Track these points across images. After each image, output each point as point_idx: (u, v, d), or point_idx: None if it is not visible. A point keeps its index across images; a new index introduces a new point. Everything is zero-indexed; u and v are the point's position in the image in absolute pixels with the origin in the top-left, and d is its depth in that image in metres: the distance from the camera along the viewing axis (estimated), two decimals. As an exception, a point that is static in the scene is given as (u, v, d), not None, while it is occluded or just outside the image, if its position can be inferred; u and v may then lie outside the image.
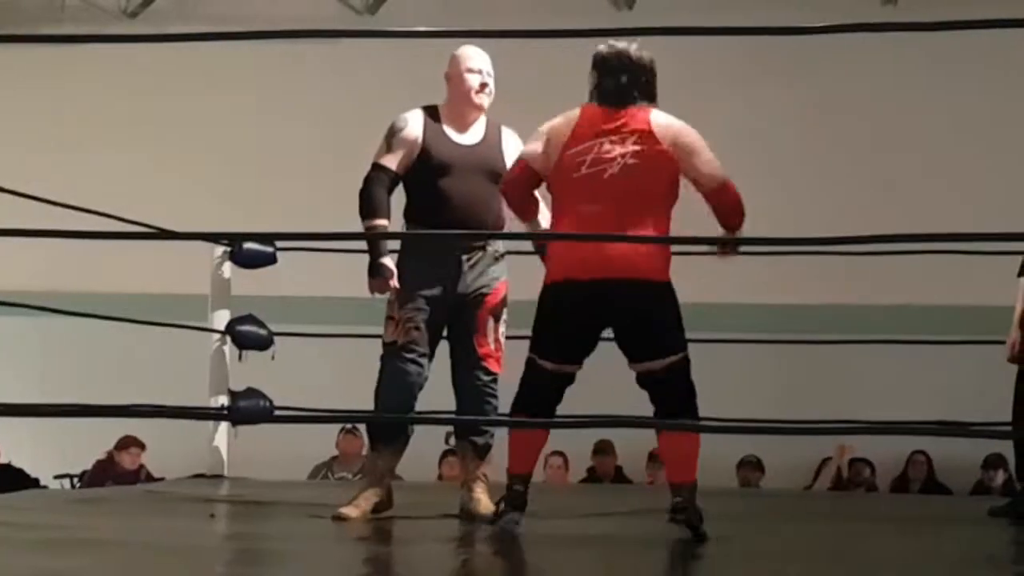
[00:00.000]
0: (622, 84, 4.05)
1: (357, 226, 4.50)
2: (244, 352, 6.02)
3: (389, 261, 4.41)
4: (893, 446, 8.20)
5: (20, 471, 8.32)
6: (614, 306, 3.99)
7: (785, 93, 8.81)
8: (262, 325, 6.04)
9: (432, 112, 4.51)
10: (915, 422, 4.95)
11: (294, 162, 9.12)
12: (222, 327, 6.04)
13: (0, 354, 9.17)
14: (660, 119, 4.05)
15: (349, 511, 4.39)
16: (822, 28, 3.28)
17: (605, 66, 4.09)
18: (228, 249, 6.06)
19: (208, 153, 9.17)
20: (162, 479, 7.36)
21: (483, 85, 4.48)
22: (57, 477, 8.54)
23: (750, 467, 8.24)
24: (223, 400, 5.96)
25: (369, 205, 4.42)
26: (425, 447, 7.52)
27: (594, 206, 3.98)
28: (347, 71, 8.90)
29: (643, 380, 4.06)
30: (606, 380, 4.51)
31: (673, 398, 4.01)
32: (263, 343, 6.01)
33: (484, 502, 4.47)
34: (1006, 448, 7.86)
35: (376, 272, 4.41)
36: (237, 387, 5.96)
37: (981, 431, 5.32)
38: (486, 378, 4.52)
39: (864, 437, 8.11)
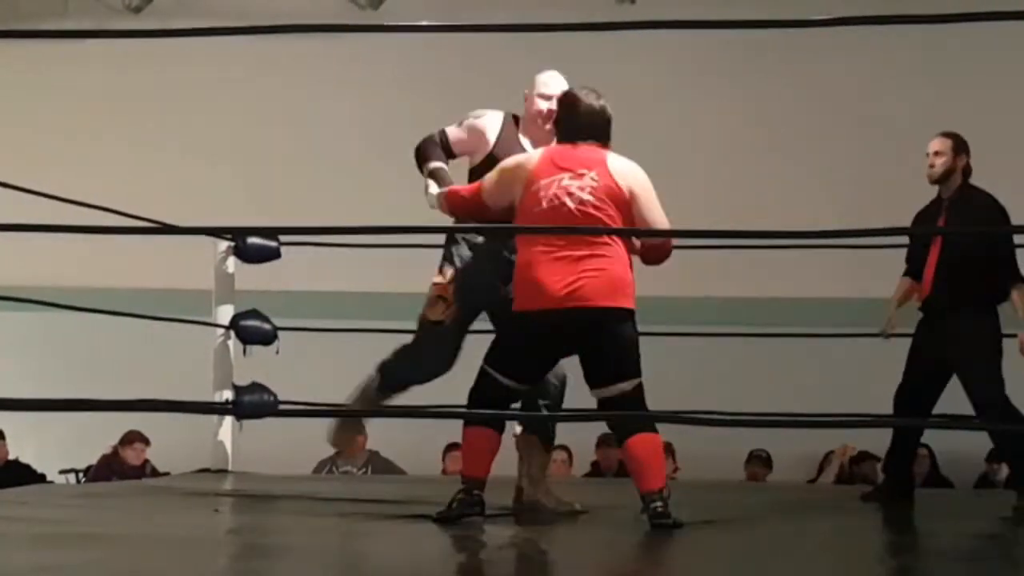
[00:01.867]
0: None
1: (359, 220, 4.49)
2: (248, 347, 6.04)
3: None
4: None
5: (27, 467, 8.34)
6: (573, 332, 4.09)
7: (784, 87, 8.79)
8: (266, 320, 6.05)
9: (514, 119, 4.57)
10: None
11: (298, 157, 9.12)
12: (226, 322, 6.06)
13: (4, 349, 9.17)
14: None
15: None
16: (824, 21, 3.27)
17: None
18: (232, 244, 6.07)
19: (212, 148, 9.16)
20: (167, 474, 7.38)
21: (551, 111, 4.43)
22: (62, 472, 8.55)
23: (759, 462, 8.21)
24: (228, 395, 5.98)
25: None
26: (429, 442, 7.58)
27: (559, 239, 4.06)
28: (350, 66, 8.89)
29: (601, 405, 4.14)
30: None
31: (626, 425, 4.09)
32: (267, 338, 6.03)
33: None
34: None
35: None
36: (241, 382, 5.97)
37: (985, 424, 5.31)
38: None
39: (867, 432, 8.09)
